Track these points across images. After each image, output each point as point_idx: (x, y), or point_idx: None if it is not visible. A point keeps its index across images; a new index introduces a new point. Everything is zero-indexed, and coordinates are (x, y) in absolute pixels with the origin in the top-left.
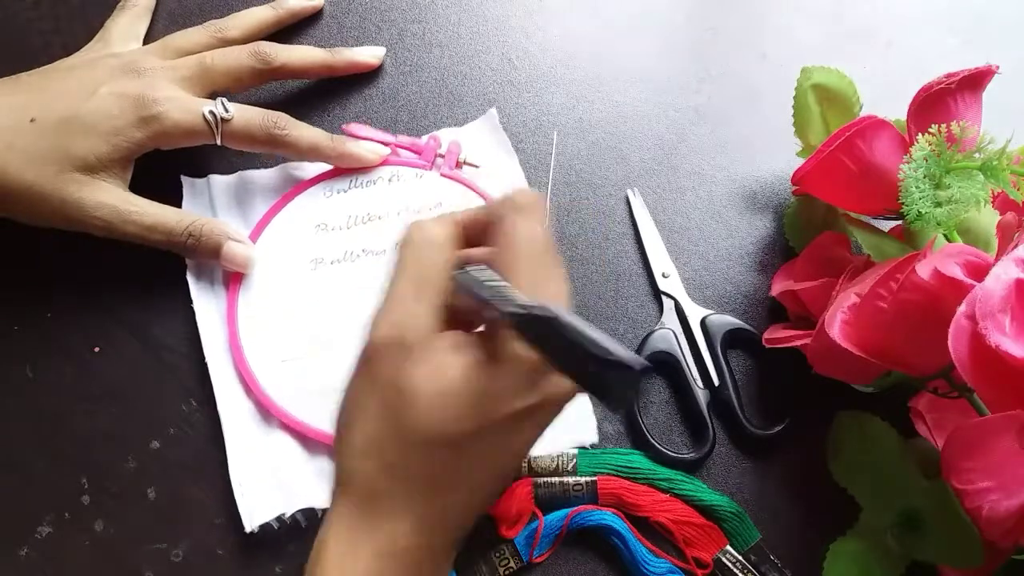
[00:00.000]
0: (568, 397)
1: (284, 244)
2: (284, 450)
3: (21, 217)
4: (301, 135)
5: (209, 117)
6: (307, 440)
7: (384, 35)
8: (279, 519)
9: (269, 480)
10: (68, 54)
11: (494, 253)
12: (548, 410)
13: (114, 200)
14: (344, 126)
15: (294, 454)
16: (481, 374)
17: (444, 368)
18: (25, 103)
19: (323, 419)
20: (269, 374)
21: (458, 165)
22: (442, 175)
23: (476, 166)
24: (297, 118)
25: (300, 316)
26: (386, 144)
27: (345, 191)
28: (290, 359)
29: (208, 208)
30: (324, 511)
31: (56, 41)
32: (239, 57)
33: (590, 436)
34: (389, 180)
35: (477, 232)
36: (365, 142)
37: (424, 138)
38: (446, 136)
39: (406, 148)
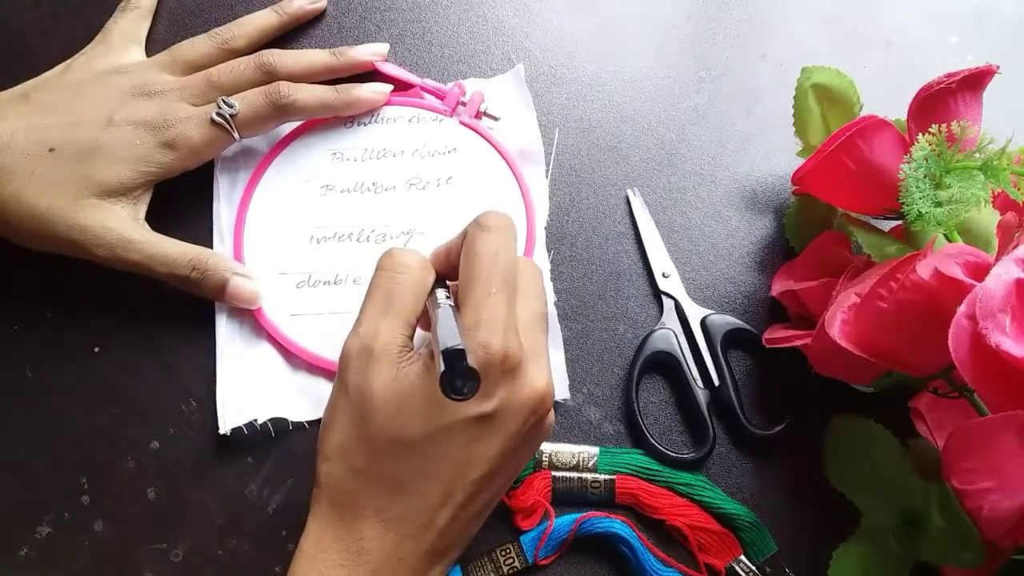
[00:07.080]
0: (528, 405)
1: (299, 166)
2: (268, 362)
3: (24, 241)
4: (307, 96)
5: (218, 119)
6: (291, 356)
7: (384, 35)
8: (250, 425)
9: (249, 387)
10: (68, 54)
11: (460, 269)
12: (508, 418)
13: (120, 227)
14: (375, 62)
15: (277, 367)
16: (434, 380)
17: (403, 376)
18: (41, 129)
19: (310, 339)
20: (266, 285)
21: (478, 115)
22: (461, 123)
23: (496, 118)
24: None
25: (303, 236)
26: (411, 85)
27: (365, 125)
28: (288, 273)
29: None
30: (296, 424)
31: (56, 41)
32: (244, 72)
33: (560, 391)
34: (409, 120)
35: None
36: (368, 84)
37: (449, 84)
38: (471, 86)
39: (430, 92)
